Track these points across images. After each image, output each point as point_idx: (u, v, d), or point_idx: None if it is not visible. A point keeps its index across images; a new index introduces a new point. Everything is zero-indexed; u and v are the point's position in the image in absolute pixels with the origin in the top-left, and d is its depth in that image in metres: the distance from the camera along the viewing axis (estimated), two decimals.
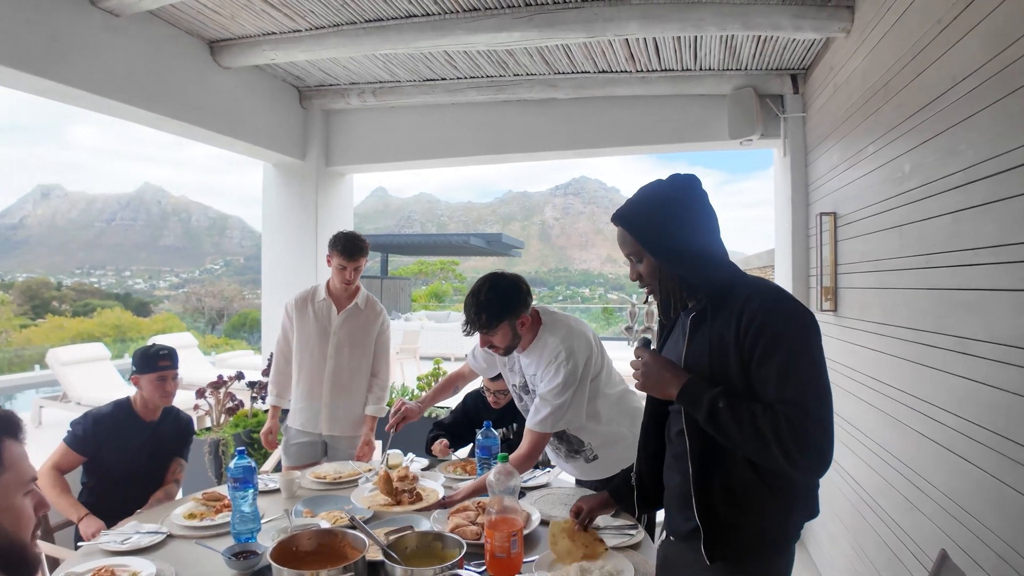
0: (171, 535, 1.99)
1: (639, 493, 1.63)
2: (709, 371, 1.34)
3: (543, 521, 2.02)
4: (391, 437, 2.51)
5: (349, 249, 2.86)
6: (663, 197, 1.42)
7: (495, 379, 2.77)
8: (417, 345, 10.72)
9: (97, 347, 7.75)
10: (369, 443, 3.03)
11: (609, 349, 2.42)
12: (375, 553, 1.71)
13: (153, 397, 2.56)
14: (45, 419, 7.08)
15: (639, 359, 1.41)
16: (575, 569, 1.69)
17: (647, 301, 1.57)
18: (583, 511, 1.77)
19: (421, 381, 5.05)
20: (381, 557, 1.67)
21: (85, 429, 2.46)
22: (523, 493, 2.29)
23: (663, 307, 1.48)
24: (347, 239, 2.88)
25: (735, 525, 1.33)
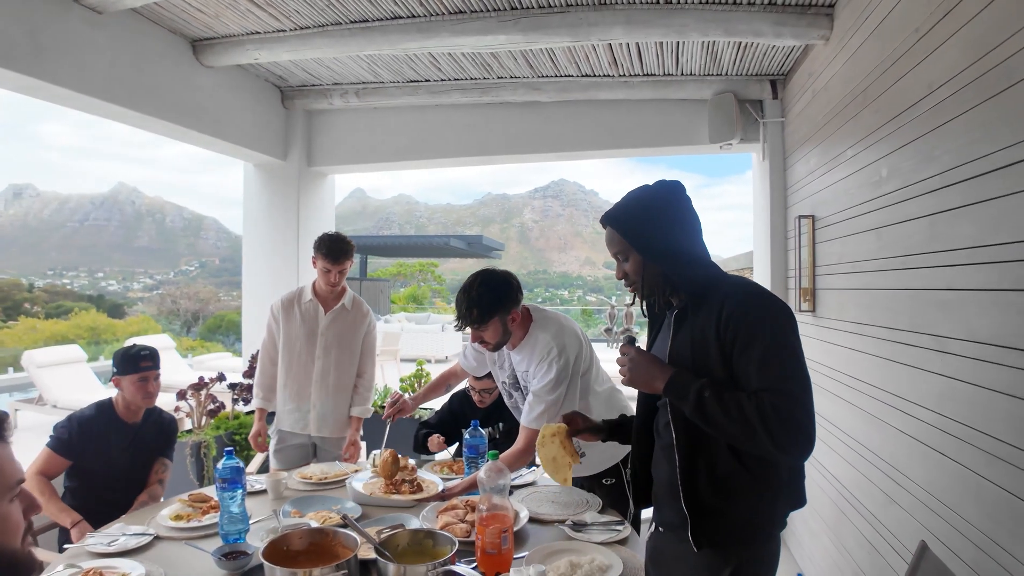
0: (158, 537, 1.97)
1: (635, 489, 1.66)
2: (692, 365, 1.39)
3: (531, 518, 2.05)
4: (388, 428, 2.54)
5: (334, 252, 2.86)
6: (649, 199, 1.49)
7: (480, 378, 2.79)
8: (397, 347, 10.67)
9: (73, 349, 7.61)
10: (355, 443, 3.02)
11: None
12: (367, 552, 1.72)
13: (135, 398, 2.52)
14: (20, 422, 6.92)
15: (625, 355, 1.44)
16: (565, 563, 1.71)
17: (632, 303, 1.63)
18: (578, 422, 1.76)
19: (404, 382, 5.03)
20: (373, 556, 1.68)
21: (70, 432, 2.42)
22: (511, 491, 2.31)
23: (647, 304, 1.55)
24: (331, 242, 2.87)
25: (721, 513, 1.38)
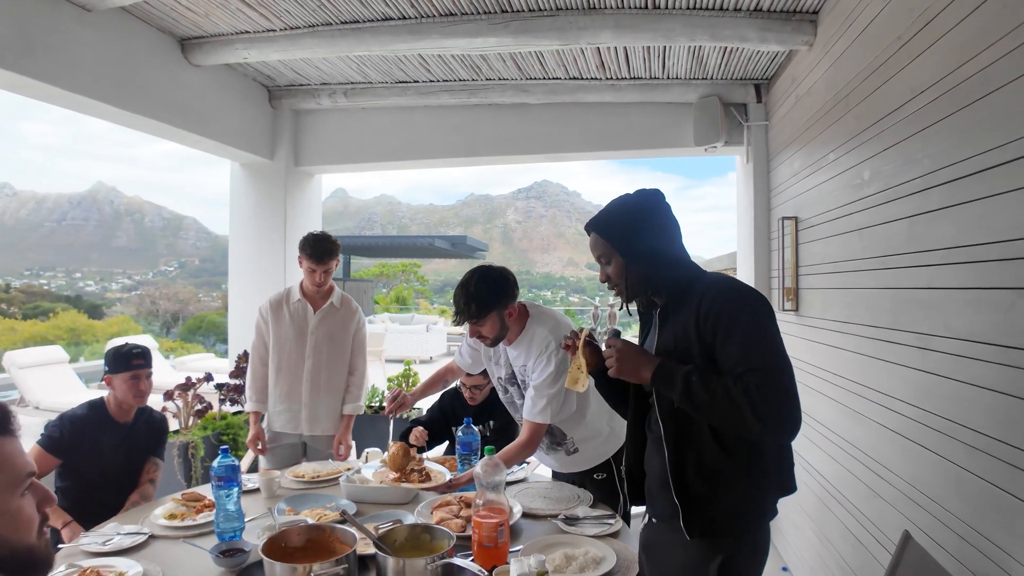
0: (153, 536, 1.97)
1: (631, 485, 1.71)
2: (675, 359, 1.44)
3: (524, 513, 2.08)
4: (392, 424, 2.56)
5: (318, 252, 2.86)
6: (630, 205, 1.57)
7: (471, 375, 2.81)
8: (382, 347, 10.64)
9: (55, 350, 7.52)
10: (345, 441, 3.03)
11: None
12: (364, 547, 1.74)
13: (127, 397, 2.51)
14: None
15: (612, 348, 1.48)
16: (560, 556, 1.75)
17: (621, 307, 1.68)
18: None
19: (392, 382, 5.04)
20: (370, 551, 1.70)
21: (61, 431, 2.41)
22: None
23: (630, 303, 1.61)
24: (315, 242, 2.87)
25: (710, 501, 1.43)
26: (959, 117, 1.72)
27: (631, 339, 1.56)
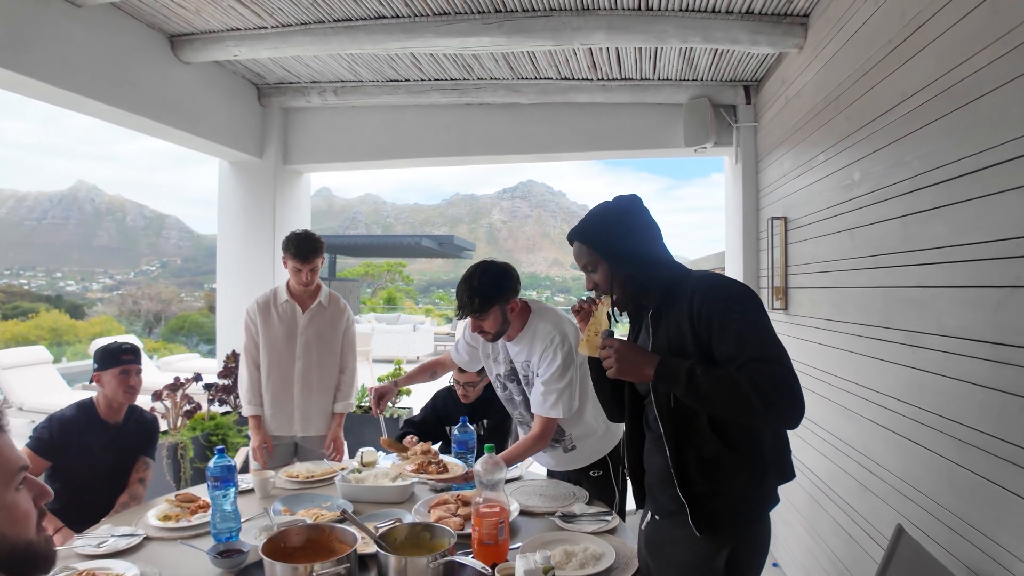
0: (148, 537, 1.95)
1: (635, 484, 1.72)
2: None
3: (522, 511, 2.09)
4: (383, 421, 2.56)
5: (303, 251, 2.83)
6: (610, 211, 1.60)
7: (464, 371, 2.80)
8: (369, 347, 10.58)
9: (39, 350, 7.42)
10: (337, 439, 3.02)
11: None
12: (364, 547, 1.74)
13: (116, 394, 2.48)
14: None
15: (610, 348, 1.47)
16: (560, 552, 1.76)
17: (613, 309, 1.69)
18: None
19: (382, 382, 5.01)
20: (370, 550, 1.70)
21: (51, 433, 2.37)
22: None
23: (620, 308, 1.62)
24: (299, 241, 2.84)
25: (715, 495, 1.45)
26: (951, 119, 1.75)
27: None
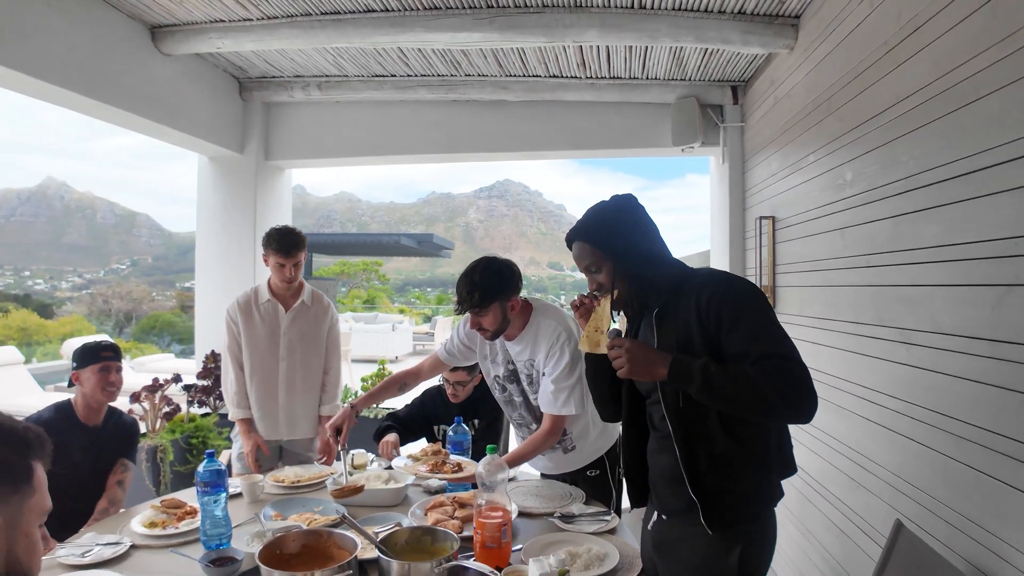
0: (134, 545, 1.88)
1: (632, 486, 1.70)
2: None
3: (520, 512, 2.07)
4: (344, 458, 2.38)
5: (285, 245, 2.76)
6: (612, 210, 1.58)
7: (455, 370, 2.74)
8: (348, 347, 10.47)
9: (10, 351, 7.16)
10: (327, 443, 2.94)
11: None
12: (362, 552, 1.70)
13: (96, 392, 2.40)
14: None
15: (620, 347, 1.44)
16: (564, 554, 1.74)
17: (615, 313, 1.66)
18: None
19: (366, 381, 4.94)
20: (369, 556, 1.66)
21: None
22: None
23: (625, 307, 1.59)
24: (281, 235, 2.77)
25: (726, 492, 1.45)
26: (948, 120, 1.78)
27: None
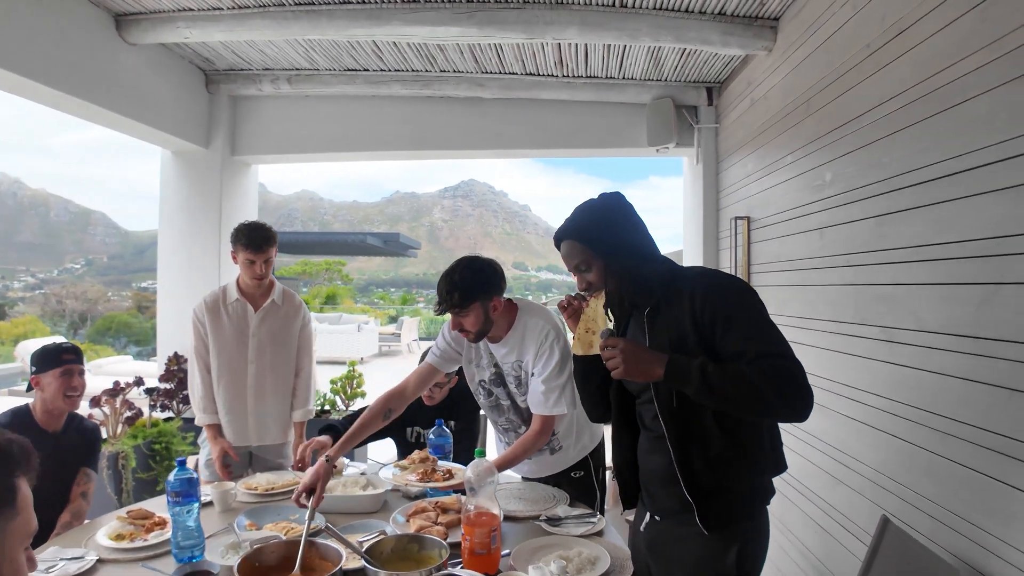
0: (101, 560, 1.77)
1: (623, 488, 1.69)
2: None
3: (505, 516, 2.03)
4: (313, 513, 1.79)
5: (255, 240, 2.65)
6: (601, 208, 1.56)
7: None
8: (313, 348, 10.25)
9: None
10: (305, 451, 2.82)
11: None
12: (346, 562, 1.63)
13: (57, 398, 2.27)
14: None
15: (613, 347, 1.40)
16: (555, 558, 1.71)
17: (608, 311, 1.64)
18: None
19: (336, 384, 4.82)
20: (353, 566, 1.60)
21: None
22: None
23: (615, 306, 1.58)
24: (251, 230, 2.67)
25: (722, 491, 1.44)
26: (932, 122, 1.80)
27: None
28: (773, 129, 3.10)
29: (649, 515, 1.63)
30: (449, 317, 2.13)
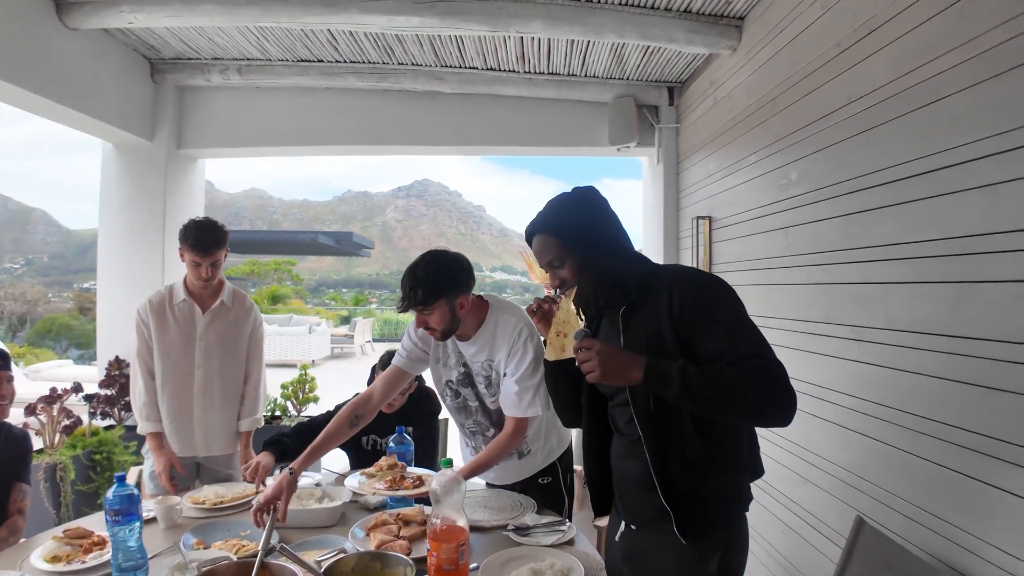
0: None
1: (594, 496, 1.63)
2: None
3: (471, 527, 1.94)
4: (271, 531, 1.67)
5: (203, 242, 2.49)
6: (578, 202, 1.50)
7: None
8: (264, 352, 9.92)
9: None
10: (253, 465, 2.65)
11: None
12: None
13: None
14: None
15: (589, 350, 1.32)
16: (527, 571, 1.64)
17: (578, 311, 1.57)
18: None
19: (287, 389, 4.63)
20: None
21: None
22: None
23: (588, 305, 1.50)
24: (199, 229, 2.50)
25: (699, 498, 1.38)
26: (905, 120, 1.81)
27: None
28: (736, 128, 3.10)
29: (624, 524, 1.57)
30: (414, 316, 2.03)
